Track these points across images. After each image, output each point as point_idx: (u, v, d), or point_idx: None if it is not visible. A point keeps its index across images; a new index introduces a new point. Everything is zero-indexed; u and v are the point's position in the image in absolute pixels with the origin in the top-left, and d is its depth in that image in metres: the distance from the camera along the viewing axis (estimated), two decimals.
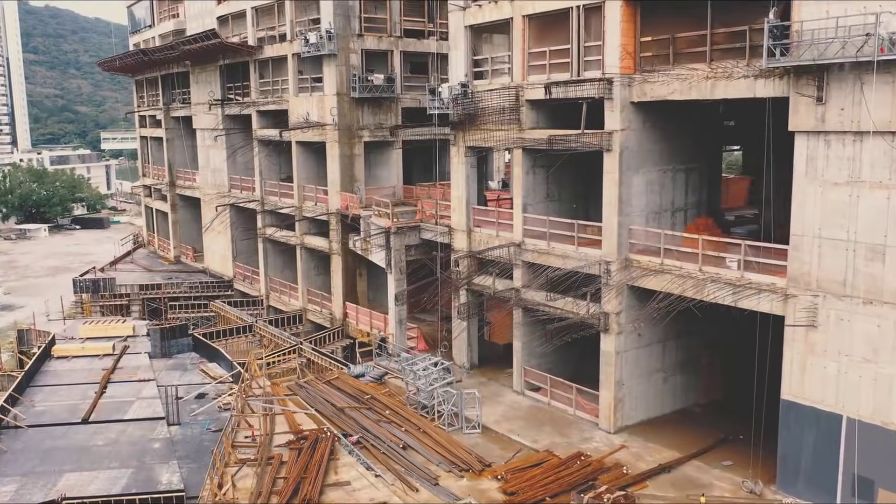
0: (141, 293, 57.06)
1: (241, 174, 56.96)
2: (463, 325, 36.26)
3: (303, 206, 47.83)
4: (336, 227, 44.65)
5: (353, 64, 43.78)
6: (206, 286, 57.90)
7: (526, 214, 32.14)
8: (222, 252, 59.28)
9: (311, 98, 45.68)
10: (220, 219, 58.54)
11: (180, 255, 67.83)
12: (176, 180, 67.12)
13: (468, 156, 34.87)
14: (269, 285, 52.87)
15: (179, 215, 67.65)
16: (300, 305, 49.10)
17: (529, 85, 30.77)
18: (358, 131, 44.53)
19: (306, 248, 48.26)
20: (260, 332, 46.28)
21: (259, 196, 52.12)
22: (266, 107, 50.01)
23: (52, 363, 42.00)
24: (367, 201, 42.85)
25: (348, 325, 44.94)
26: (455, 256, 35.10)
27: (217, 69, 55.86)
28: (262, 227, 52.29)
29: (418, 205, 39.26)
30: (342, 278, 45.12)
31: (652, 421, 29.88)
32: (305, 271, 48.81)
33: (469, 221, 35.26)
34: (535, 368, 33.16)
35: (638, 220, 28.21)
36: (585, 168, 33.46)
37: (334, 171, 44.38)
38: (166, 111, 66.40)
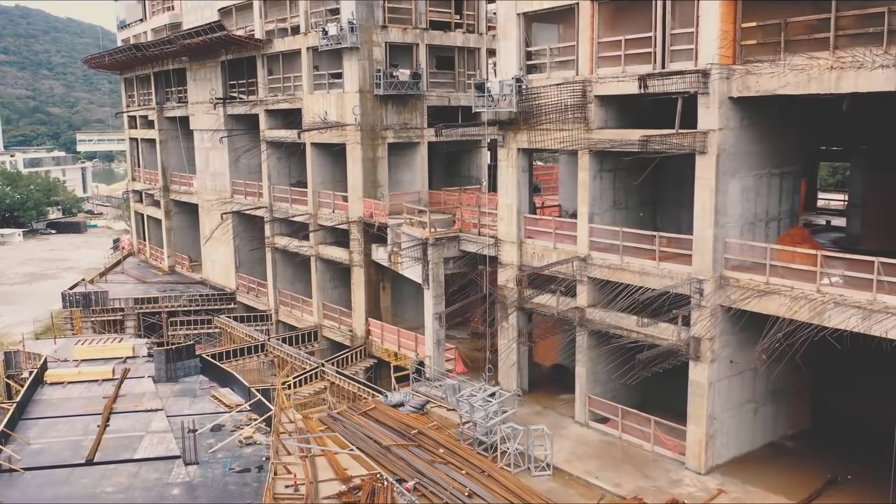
0: (136, 307, 52.82)
1: (245, 178, 52.94)
2: (512, 346, 32.61)
3: (318, 213, 43.93)
4: (358, 237, 40.82)
5: (376, 58, 40.00)
6: (206, 299, 53.74)
7: (593, 225, 28.58)
8: (223, 262, 55.15)
9: (328, 96, 41.81)
10: (222, 227, 54.41)
11: (175, 265, 63.49)
12: (170, 185, 62.79)
13: (520, 159, 31.24)
14: (279, 299, 48.87)
15: (174, 222, 63.33)
16: (315, 321, 45.19)
17: (599, 79, 27.22)
18: (381, 132, 40.74)
19: (322, 259, 44.38)
20: (273, 352, 42.31)
21: (267, 202, 48.12)
22: (276, 105, 46.03)
23: (45, 390, 37.71)
24: (392, 208, 39.09)
25: (371, 344, 41.13)
26: (516, 274, 31.36)
27: (218, 65, 51.77)
28: (271, 236, 48.29)
29: (456, 213, 35.54)
30: (365, 292, 41.29)
31: (743, 458, 26.47)
32: (321, 284, 44.92)
33: (520, 232, 31.65)
34: (599, 396, 29.63)
35: (732, 232, 24.78)
36: (652, 172, 30.03)
37: (356, 175, 40.56)
38: (160, 111, 62.07)
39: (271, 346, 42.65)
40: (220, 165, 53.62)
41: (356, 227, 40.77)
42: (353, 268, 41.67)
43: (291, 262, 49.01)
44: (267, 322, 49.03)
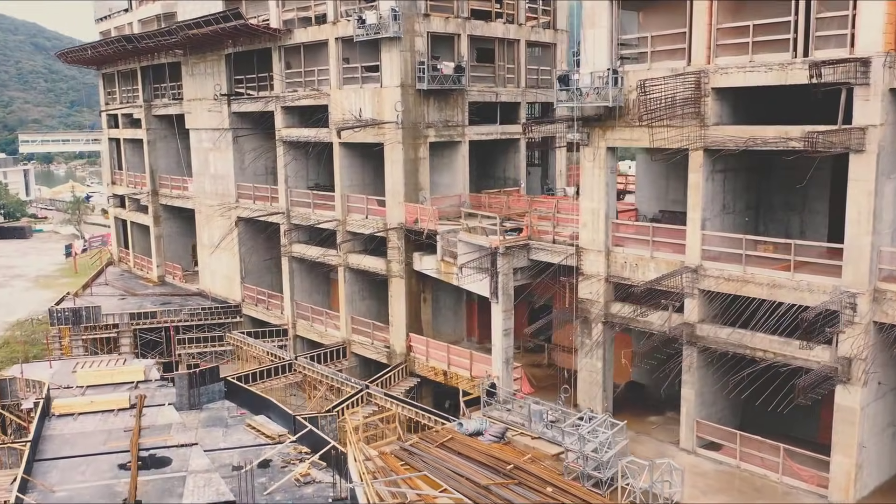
0: (132, 323, 48.25)
1: (252, 181, 48.86)
2: (596, 364, 29.63)
3: (347, 219, 40.26)
4: (398, 245, 37.33)
5: (418, 49, 36.58)
6: (209, 312, 49.46)
7: (706, 232, 25.77)
8: (225, 272, 50.93)
9: (361, 91, 38.20)
10: (224, 233, 50.20)
11: (165, 275, 58.81)
12: (159, 188, 58.08)
13: (609, 159, 28.27)
14: (297, 311, 44.98)
15: (164, 229, 58.64)
16: (342, 336, 41.50)
17: (720, 69, 24.40)
18: (423, 130, 37.34)
19: (351, 269, 40.72)
20: (303, 372, 38.51)
21: (284, 207, 44.18)
22: (297, 102, 42.14)
23: (55, 424, 33.27)
24: (435, 213, 35.75)
25: (413, 362, 37.69)
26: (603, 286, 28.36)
27: (222, 59, 47.57)
28: (288, 244, 44.37)
29: (525, 219, 32.32)
30: (406, 305, 37.83)
31: (884, 488, 24.00)
32: (349, 296, 41.25)
33: (608, 239, 28.68)
34: (706, 420, 26.87)
35: (885, 240, 22.23)
36: (759, 173, 27.45)
37: (396, 177, 37.06)
38: (147, 108, 57.34)
39: (300, 365, 38.83)
40: (224, 167, 49.40)
41: (396, 234, 37.27)
42: (391, 279, 38.15)
43: (309, 272, 45.23)
44: (283, 337, 45.09)
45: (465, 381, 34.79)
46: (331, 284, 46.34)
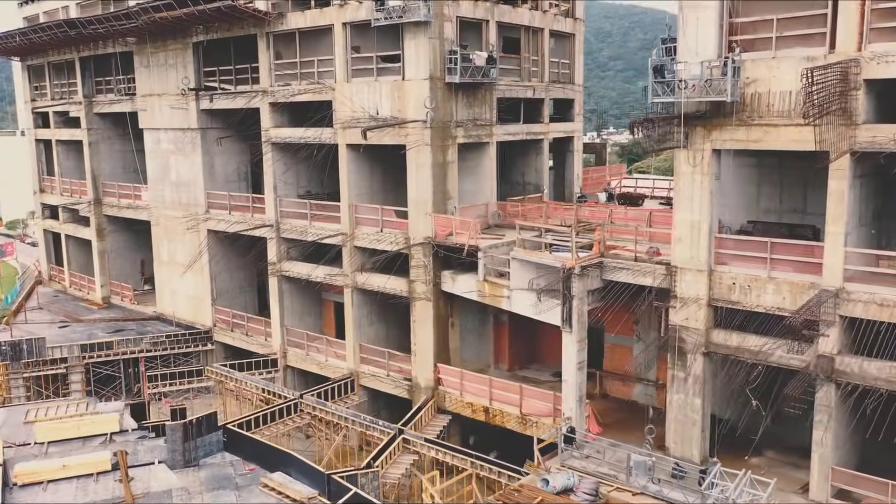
0: (84, 356, 41.23)
1: (222, 188, 42.66)
2: (694, 401, 25.50)
3: (356, 233, 34.86)
4: (424, 263, 32.28)
5: (447, 37, 31.66)
6: (176, 340, 42.90)
7: (850, 249, 22.02)
8: (191, 292, 44.41)
9: (377, 85, 32.92)
10: (189, 248, 43.76)
11: (111, 296, 51.42)
12: (103, 197, 50.67)
13: (714, 164, 24.20)
14: (287, 338, 39.14)
15: (109, 243, 51.25)
16: (349, 367, 36.06)
17: (878, 57, 20.64)
18: (452, 130, 32.45)
19: (361, 290, 35.35)
20: (313, 414, 32.89)
21: (273, 219, 38.27)
22: (292, 97, 36.34)
23: (19, 497, 26.61)
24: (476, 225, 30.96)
25: (444, 396, 32.73)
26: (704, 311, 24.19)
27: (189, 48, 41.15)
28: (278, 262, 38.50)
29: (597, 232, 27.80)
30: (433, 331, 32.82)
31: None
32: (357, 320, 35.85)
33: (710, 256, 24.60)
34: (839, 465, 23.17)
35: None
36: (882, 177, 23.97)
37: (423, 184, 32.02)
38: (88, 106, 49.87)
39: (307, 405, 33.18)
40: (190, 173, 42.93)
41: (422, 250, 32.21)
42: (414, 301, 33.04)
43: (300, 293, 39.51)
44: (271, 369, 39.16)
45: (513, 420, 30.16)
46: (323, 306, 40.77)
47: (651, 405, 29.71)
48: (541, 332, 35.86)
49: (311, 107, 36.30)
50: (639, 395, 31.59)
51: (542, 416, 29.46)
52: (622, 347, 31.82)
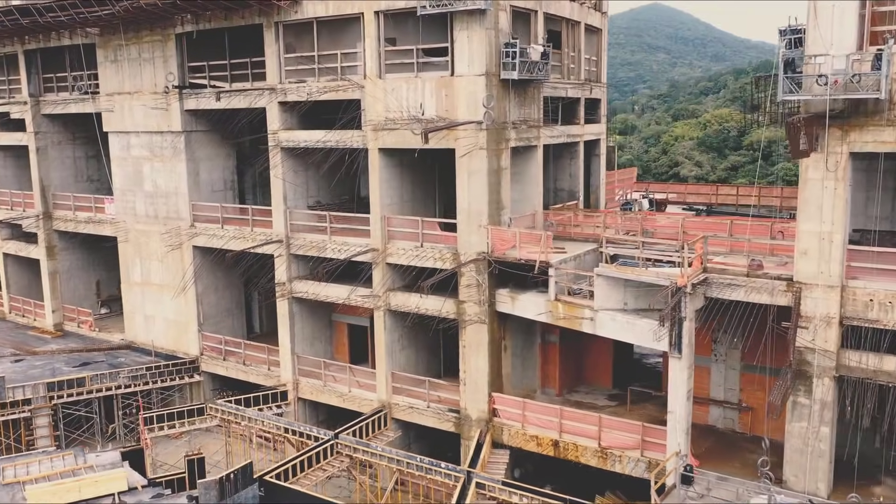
0: (51, 395, 35.51)
1: (207, 198, 37.81)
2: (822, 430, 23.11)
3: (388, 248, 30.98)
4: (478, 281, 28.78)
5: (501, 28, 28.31)
6: (158, 373, 37.66)
7: None
8: (173, 317, 39.22)
9: (417, 81, 29.18)
10: (168, 266, 38.65)
11: (64, 323, 45.21)
12: (53, 210, 44.46)
13: (850, 168, 21.88)
14: (298, 367, 34.76)
15: (61, 263, 45.04)
16: (380, 399, 32.11)
17: None
18: (506, 132, 29.11)
19: (394, 312, 31.50)
20: (353, 456, 28.81)
21: (282, 233, 33.81)
22: (310, 96, 32.00)
23: None
24: (548, 238, 27.71)
25: (500, 429, 29.31)
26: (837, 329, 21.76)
27: (171, 40, 36.10)
28: (288, 281, 34.06)
29: (698, 246, 24.94)
30: (489, 357, 29.37)
31: None
32: (389, 346, 31.96)
33: (842, 270, 22.27)
34: None
35: None
36: None
37: (477, 193, 28.52)
38: (35, 106, 43.56)
39: (345, 446, 29.06)
40: (170, 182, 37.78)
41: (476, 267, 28.71)
42: (465, 324, 29.47)
43: (310, 315, 35.24)
44: (281, 402, 34.65)
45: (590, 454, 27.11)
46: (334, 329, 36.58)
47: (748, 432, 27.21)
48: (587, 353, 33.12)
49: (328, 107, 32.17)
50: (717, 420, 29.12)
51: (627, 448, 26.53)
52: (698, 368, 29.17)
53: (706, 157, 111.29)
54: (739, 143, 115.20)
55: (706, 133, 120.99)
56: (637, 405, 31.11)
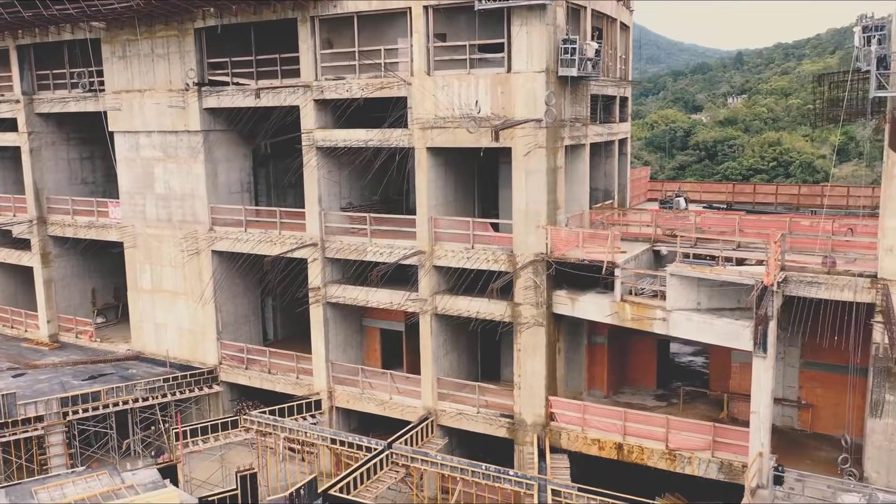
0: (65, 411, 33.49)
1: (224, 201, 36.26)
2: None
3: (435, 250, 30.09)
4: (535, 283, 28.14)
5: (558, 24, 27.74)
6: (176, 384, 35.90)
7: None
8: (188, 325, 37.48)
9: (470, 78, 28.36)
10: (182, 272, 36.93)
11: (60, 333, 42.80)
12: (48, 215, 42.04)
13: None
14: (333, 374, 33.54)
15: (56, 271, 42.64)
16: (425, 405, 31.18)
17: None
18: (561, 130, 28.54)
19: (441, 316, 30.63)
20: (410, 465, 27.84)
21: (317, 236, 32.53)
22: (349, 93, 30.82)
23: None
24: (616, 238, 27.21)
25: (558, 433, 28.74)
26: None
27: (189, 34, 34.44)
28: (323, 286, 32.81)
29: (776, 244, 24.71)
30: (545, 360, 28.76)
31: None
32: (435, 351, 31.07)
33: None
34: None
35: None
36: None
37: (535, 193, 27.87)
38: (29, 105, 41.08)
39: (404, 455, 28.05)
40: (186, 183, 36.07)
41: (535, 268, 28.06)
42: (520, 327, 28.79)
43: (343, 321, 34.06)
44: (315, 412, 33.37)
45: (657, 456, 26.76)
46: (365, 335, 35.45)
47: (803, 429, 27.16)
48: (631, 354, 32.82)
49: (364, 105, 31.11)
50: (775, 418, 28.86)
51: (697, 450, 26.25)
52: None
53: (654, 157, 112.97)
54: (686, 142, 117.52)
55: (654, 133, 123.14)
56: (688, 405, 30.92)
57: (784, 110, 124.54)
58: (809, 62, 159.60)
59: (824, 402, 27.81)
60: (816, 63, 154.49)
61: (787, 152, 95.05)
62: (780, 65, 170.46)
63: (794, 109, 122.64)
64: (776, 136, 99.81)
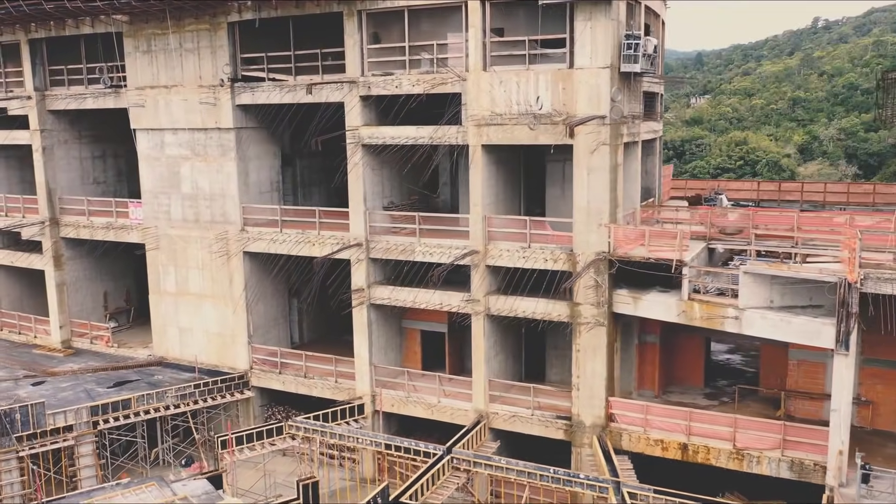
0: (97, 420, 32.15)
1: (255, 200, 35.23)
2: None
3: (489, 249, 29.50)
4: (597, 282, 27.72)
5: (620, 19, 27.36)
6: (208, 391, 34.73)
7: None
8: (216, 329, 36.34)
9: (529, 74, 27.81)
10: (210, 274, 35.79)
11: (72, 339, 41.20)
12: (61, 216, 40.42)
13: None
14: (375, 378, 32.73)
15: (68, 274, 41.02)
16: (476, 408, 30.57)
17: None
18: (622, 127, 28.18)
19: (494, 317, 30.05)
20: (472, 471, 27.19)
21: (361, 236, 31.68)
22: (408, 90, 29.98)
23: None
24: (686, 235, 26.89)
25: (619, 435, 28.36)
26: None
27: (221, 28, 33.33)
28: (367, 287, 31.98)
29: (849, 242, 24.62)
30: (606, 360, 28.37)
31: None
32: (487, 353, 30.47)
33: None
34: None
35: None
36: None
37: (598, 190, 27.44)
38: (41, 101, 39.43)
39: (466, 460, 27.39)
40: (216, 183, 34.92)
41: (597, 268, 27.63)
42: (579, 328, 28.35)
43: (384, 323, 33.27)
44: (358, 416, 32.51)
45: (724, 456, 26.55)
46: (405, 337, 34.70)
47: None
48: (679, 352, 32.59)
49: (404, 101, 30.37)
50: None
51: (766, 449, 26.08)
52: (812, 364, 29.10)
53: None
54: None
55: None
56: (739, 403, 30.76)
57: (748, 110, 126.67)
58: (769, 63, 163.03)
59: (885, 399, 27.87)
60: (776, 64, 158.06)
61: (753, 151, 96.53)
62: (740, 65, 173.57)
63: (759, 109, 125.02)
64: (742, 135, 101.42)
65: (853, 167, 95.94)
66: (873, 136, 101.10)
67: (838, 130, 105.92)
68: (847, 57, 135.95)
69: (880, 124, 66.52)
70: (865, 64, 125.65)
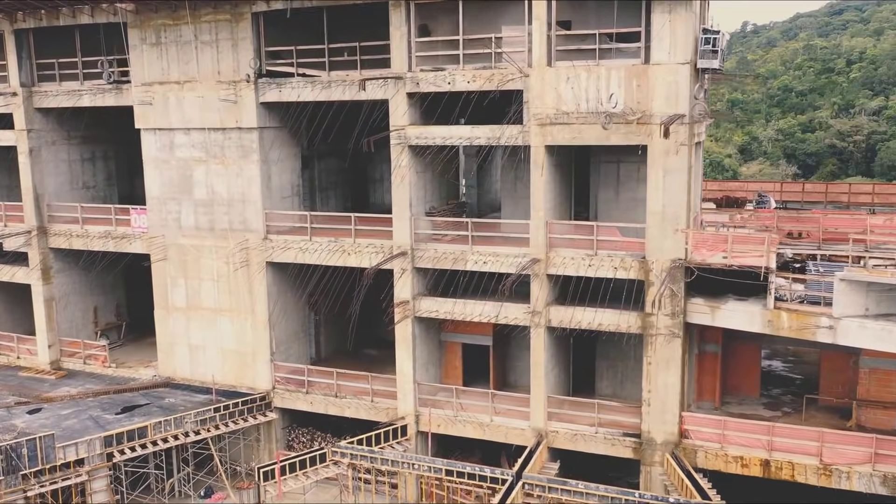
0: (112, 451, 29.00)
1: (278, 206, 32.60)
2: None
3: (551, 257, 27.61)
4: (673, 290, 26.14)
5: (696, 13, 25.87)
6: (229, 414, 31.82)
7: None
8: (233, 346, 33.46)
9: (601, 70, 26.02)
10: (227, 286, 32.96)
11: (62, 359, 37.54)
12: (50, 225, 36.76)
13: None
14: (419, 397, 30.46)
15: (57, 288, 37.35)
16: (534, 426, 28.63)
17: None
18: (696, 126, 26.69)
19: (553, 328, 28.19)
20: (545, 496, 25.24)
21: (407, 244, 29.35)
22: (462, 86, 27.79)
23: None
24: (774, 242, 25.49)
25: (693, 452, 26.83)
26: None
27: (245, 19, 30.59)
28: (411, 299, 29.67)
29: None
30: (680, 373, 26.80)
31: None
32: (546, 367, 28.56)
33: None
34: None
35: None
36: None
37: (675, 194, 25.88)
38: (28, 98, 35.73)
39: (539, 485, 25.42)
40: (235, 187, 32.11)
41: (675, 275, 26.05)
42: (651, 339, 26.73)
43: (425, 337, 31.03)
44: (401, 438, 30.18)
45: (811, 472, 25.29)
46: (445, 351, 32.50)
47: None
48: (735, 361, 31.30)
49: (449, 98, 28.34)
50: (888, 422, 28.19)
51: (855, 463, 24.90)
52: (885, 371, 28.11)
53: None
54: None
55: None
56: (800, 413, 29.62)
57: None
58: None
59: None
60: None
61: None
62: None
63: None
64: None
65: (793, 167, 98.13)
66: (810, 136, 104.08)
67: (776, 131, 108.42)
68: (779, 60, 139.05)
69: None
70: (797, 67, 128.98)
